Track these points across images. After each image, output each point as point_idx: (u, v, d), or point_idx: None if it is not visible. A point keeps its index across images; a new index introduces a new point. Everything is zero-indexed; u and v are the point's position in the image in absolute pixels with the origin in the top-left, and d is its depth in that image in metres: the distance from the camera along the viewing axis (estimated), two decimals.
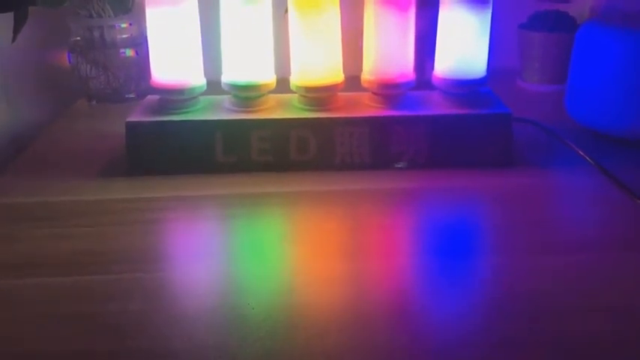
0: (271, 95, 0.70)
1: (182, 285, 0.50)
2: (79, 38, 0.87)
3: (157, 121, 0.66)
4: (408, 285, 0.50)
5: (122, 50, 0.86)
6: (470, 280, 0.50)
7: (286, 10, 0.69)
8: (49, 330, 0.44)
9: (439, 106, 0.69)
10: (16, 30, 0.75)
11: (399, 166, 0.67)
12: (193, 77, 0.68)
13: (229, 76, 0.68)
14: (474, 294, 0.48)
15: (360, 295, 0.48)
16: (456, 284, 0.49)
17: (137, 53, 0.87)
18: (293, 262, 0.53)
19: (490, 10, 0.65)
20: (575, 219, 0.59)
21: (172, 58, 0.67)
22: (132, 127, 0.66)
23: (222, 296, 0.48)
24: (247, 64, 0.67)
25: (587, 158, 0.67)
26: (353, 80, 0.70)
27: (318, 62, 0.67)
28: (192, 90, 0.68)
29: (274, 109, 0.69)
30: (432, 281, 0.49)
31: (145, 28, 0.68)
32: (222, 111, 0.68)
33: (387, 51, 0.67)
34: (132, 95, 0.89)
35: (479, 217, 0.60)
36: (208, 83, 0.70)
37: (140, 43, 0.87)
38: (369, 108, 0.69)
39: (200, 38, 0.68)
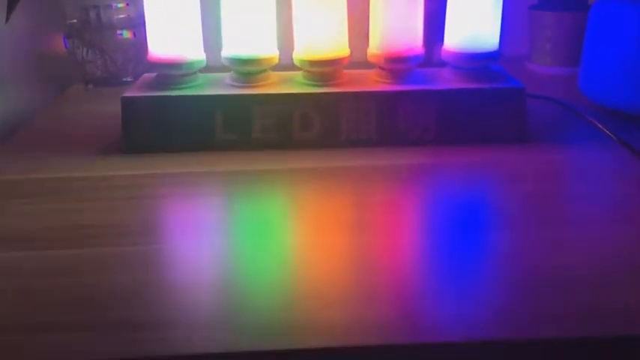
0: (274, 72, 0.68)
1: (182, 258, 0.46)
2: (74, 21, 0.84)
3: (153, 97, 0.63)
4: (415, 259, 0.46)
5: (119, 32, 0.84)
6: (479, 256, 0.46)
7: None
8: (48, 302, 0.41)
9: (449, 81, 0.66)
10: (10, 9, 0.72)
11: None
12: (192, 51, 0.65)
13: (230, 50, 0.65)
14: (483, 269, 0.45)
15: (366, 268, 0.44)
16: (463, 259, 0.45)
17: (135, 35, 0.84)
18: (295, 237, 0.50)
19: None
20: (593, 194, 0.56)
21: (170, 30, 0.64)
22: (127, 103, 0.63)
23: (221, 270, 0.45)
24: (249, 37, 0.64)
25: (606, 130, 0.64)
26: (360, 65, 0.67)
27: (323, 35, 0.64)
28: (190, 64, 0.65)
29: (277, 85, 0.66)
30: (439, 256, 0.46)
31: (143, 8, 0.65)
32: (222, 86, 0.65)
33: (395, 23, 0.64)
34: (130, 79, 0.86)
35: (491, 194, 0.57)
36: (210, 66, 0.67)
37: (138, 24, 0.84)
38: (376, 83, 0.66)
39: (199, 9, 0.65)
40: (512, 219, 0.51)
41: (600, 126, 0.65)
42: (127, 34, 0.84)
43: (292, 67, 0.67)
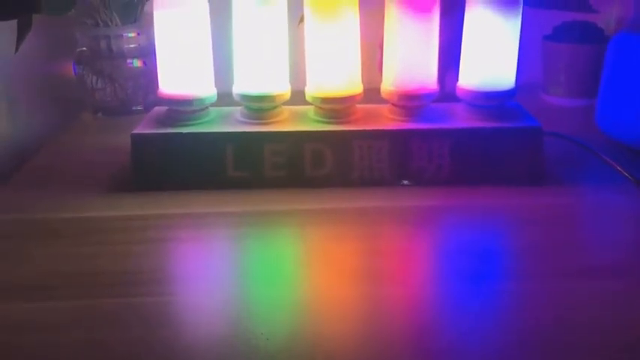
0: (285, 107, 0.67)
1: (189, 311, 0.45)
2: (85, 48, 0.84)
3: (163, 134, 0.62)
4: (432, 314, 0.45)
5: (130, 60, 0.83)
6: (498, 309, 0.45)
7: (301, 20, 0.65)
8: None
9: (464, 119, 0.65)
10: (20, 39, 0.71)
11: (405, 183, 0.62)
12: (203, 87, 0.64)
13: (241, 86, 0.64)
14: (504, 325, 0.43)
15: (382, 325, 0.43)
16: (482, 313, 0.44)
17: (145, 64, 0.84)
18: (310, 287, 0.48)
19: (520, 15, 0.61)
20: (613, 240, 0.54)
21: (181, 65, 0.63)
22: (137, 140, 0.63)
23: (233, 324, 0.44)
24: (261, 73, 0.63)
25: (627, 174, 0.63)
26: (370, 93, 0.66)
27: (335, 72, 0.63)
28: (201, 100, 0.64)
29: (289, 122, 0.65)
30: (456, 310, 0.45)
31: (154, 37, 0.64)
32: (233, 123, 0.65)
33: (410, 61, 0.63)
34: (139, 107, 0.85)
35: (507, 239, 0.56)
36: (220, 95, 0.66)
37: (148, 53, 0.83)
38: (390, 120, 0.65)
39: (211, 45, 0.64)
40: (526, 269, 0.50)
41: (619, 168, 0.63)
42: (137, 63, 0.83)
43: (303, 98, 0.66)
